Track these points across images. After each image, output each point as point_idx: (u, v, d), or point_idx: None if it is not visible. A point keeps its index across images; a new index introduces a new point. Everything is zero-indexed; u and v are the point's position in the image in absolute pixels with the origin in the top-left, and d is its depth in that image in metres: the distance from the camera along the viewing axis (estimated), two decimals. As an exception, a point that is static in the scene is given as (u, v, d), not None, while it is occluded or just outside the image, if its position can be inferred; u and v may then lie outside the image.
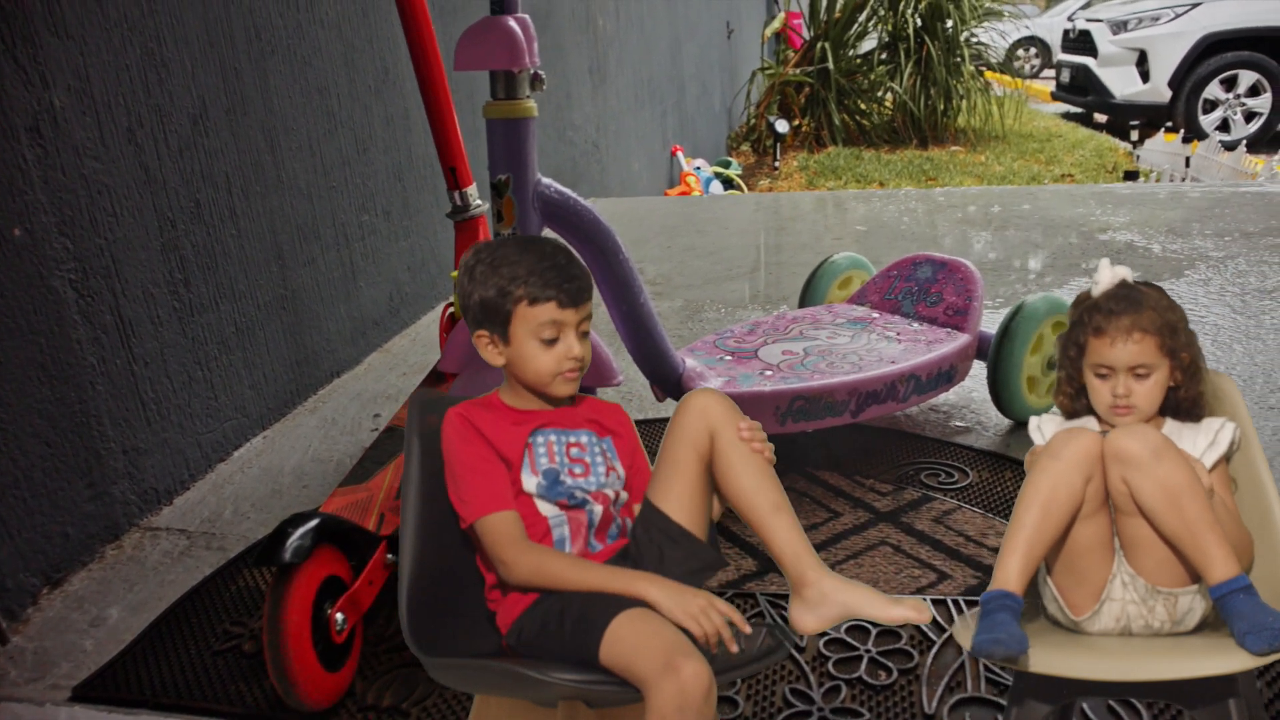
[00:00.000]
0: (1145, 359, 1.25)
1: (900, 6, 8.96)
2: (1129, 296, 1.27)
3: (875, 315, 2.70)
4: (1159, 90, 8.71)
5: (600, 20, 5.93)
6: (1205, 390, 1.30)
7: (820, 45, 9.12)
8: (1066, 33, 10.32)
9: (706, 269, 4.28)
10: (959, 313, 2.58)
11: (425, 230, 3.75)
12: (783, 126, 8.70)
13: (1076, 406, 1.34)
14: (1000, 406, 2.55)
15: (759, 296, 3.88)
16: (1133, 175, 7.32)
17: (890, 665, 1.72)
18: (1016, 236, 4.60)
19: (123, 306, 2.29)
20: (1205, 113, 8.64)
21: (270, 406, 2.85)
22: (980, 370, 2.60)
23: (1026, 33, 12.36)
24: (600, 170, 6.01)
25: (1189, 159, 7.06)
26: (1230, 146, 7.27)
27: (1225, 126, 8.58)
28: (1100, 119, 10.45)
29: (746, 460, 1.27)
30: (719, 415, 1.28)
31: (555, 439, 1.32)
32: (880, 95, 9.36)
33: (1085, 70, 9.43)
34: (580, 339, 1.30)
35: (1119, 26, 9.08)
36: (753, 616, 1.86)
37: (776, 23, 11.63)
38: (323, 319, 3.12)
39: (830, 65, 8.94)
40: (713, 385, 2.23)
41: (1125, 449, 1.18)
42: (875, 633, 1.79)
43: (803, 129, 9.19)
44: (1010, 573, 1.20)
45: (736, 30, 10.56)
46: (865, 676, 1.69)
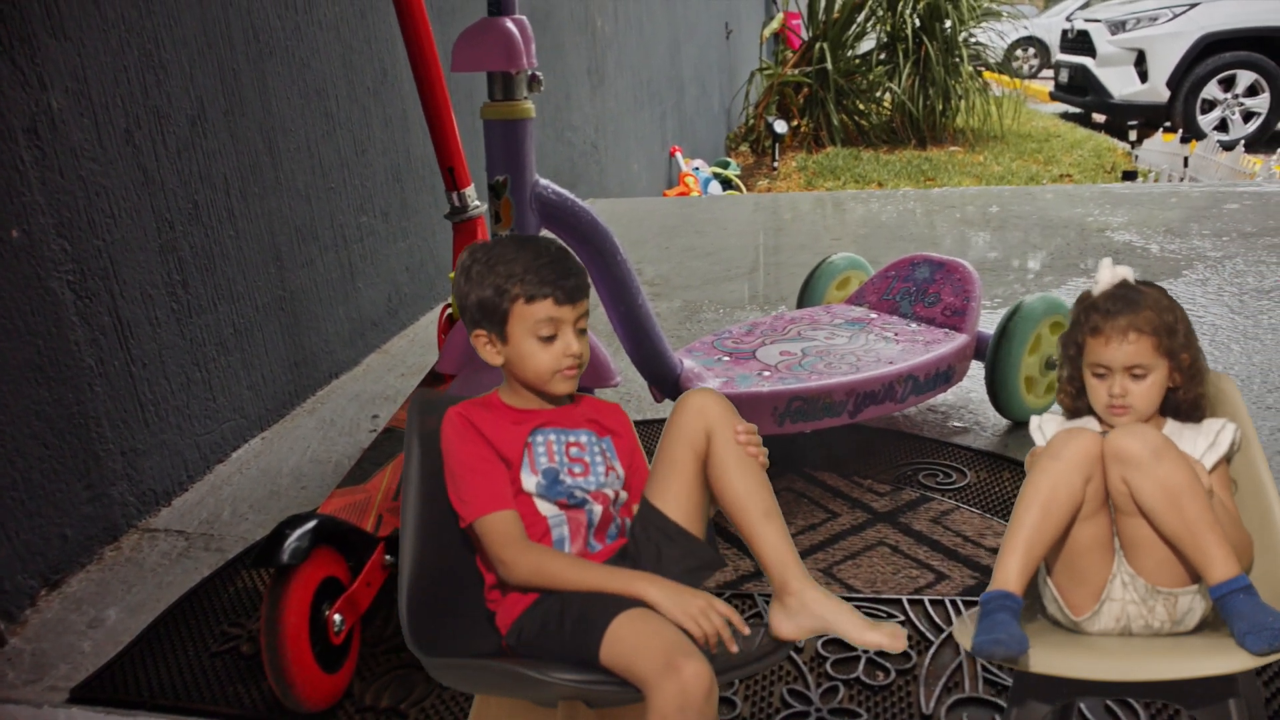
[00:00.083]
0: (1141, 359, 1.25)
1: (899, 7, 8.96)
2: (1127, 297, 1.27)
3: (873, 316, 2.70)
4: (1157, 90, 8.72)
5: (599, 21, 5.93)
6: (1206, 391, 1.30)
7: (819, 46, 9.13)
8: (1065, 33, 10.34)
9: (705, 270, 4.28)
10: (957, 313, 2.58)
11: (423, 231, 3.75)
12: (781, 127, 8.70)
13: (1078, 405, 1.34)
14: (998, 407, 2.55)
15: (757, 297, 3.88)
16: (1131, 175, 7.33)
17: (888, 666, 1.72)
18: (1015, 237, 4.61)
19: (121, 308, 2.29)
20: (1203, 113, 8.65)
21: (268, 408, 2.85)
22: (978, 370, 2.60)
23: (1025, 33, 12.37)
24: (599, 171, 6.01)
25: (1187, 159, 7.06)
26: (1228, 146, 7.28)
27: (1223, 126, 8.59)
28: (1098, 119, 10.46)
29: (741, 463, 1.27)
30: (716, 415, 1.28)
31: (555, 438, 1.32)
32: (879, 95, 9.37)
33: (1084, 70, 9.44)
34: (578, 336, 1.30)
35: (1117, 27, 9.09)
36: (751, 617, 1.86)
37: (775, 23, 11.63)
38: (321, 320, 3.11)
39: (829, 66, 8.94)
40: (711, 386, 2.22)
41: (1125, 449, 1.18)
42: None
43: (801, 129, 9.19)
44: (1010, 573, 1.20)
45: (735, 31, 10.56)
46: (863, 677, 1.69)
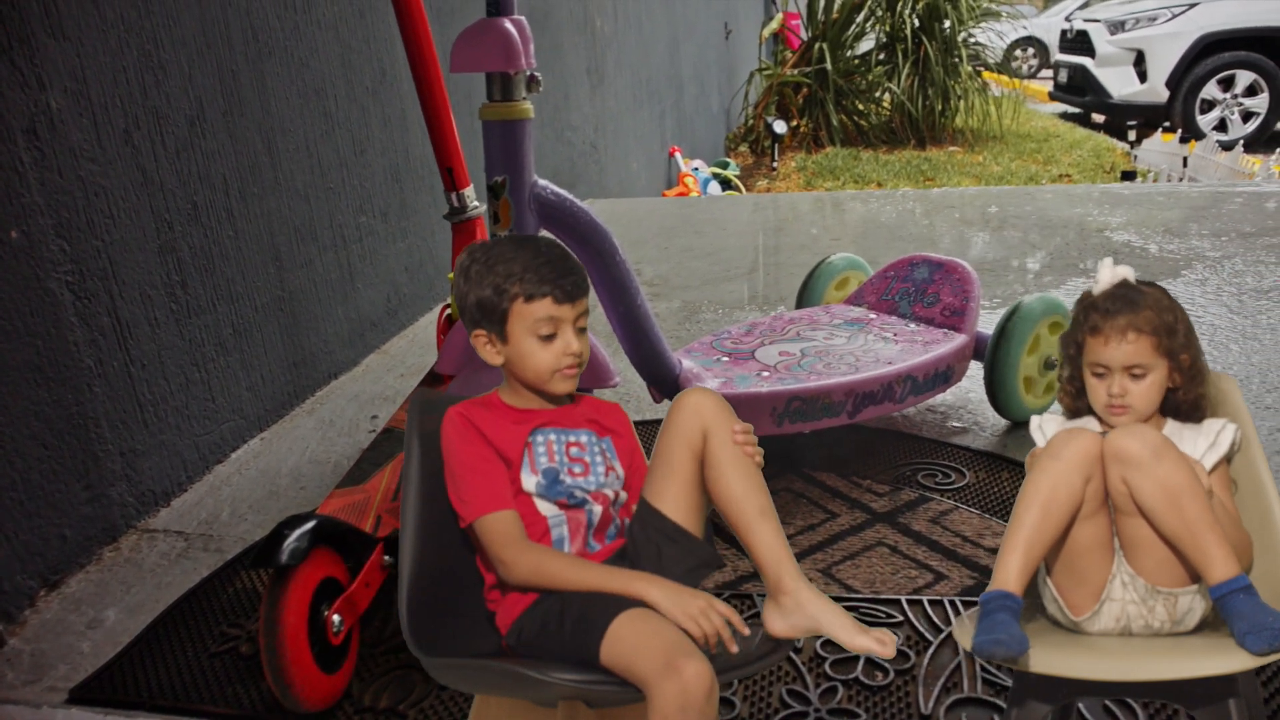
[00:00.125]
0: (1140, 359, 1.25)
1: (898, 7, 8.96)
2: (1127, 296, 1.27)
3: (872, 316, 2.70)
4: (1156, 90, 8.72)
5: (598, 21, 5.93)
6: (1207, 392, 1.30)
7: (818, 46, 9.13)
8: (1064, 33, 10.35)
9: (704, 270, 4.27)
10: (956, 313, 2.58)
11: (423, 232, 3.75)
12: (780, 127, 8.70)
13: (1079, 405, 1.34)
14: (997, 407, 2.55)
15: (756, 297, 3.88)
16: (1130, 175, 7.33)
17: (887, 666, 1.71)
18: (1014, 237, 4.61)
19: (120, 308, 2.29)
20: (1202, 113, 8.65)
21: (268, 408, 2.85)
22: (977, 371, 2.60)
23: (1024, 33, 12.38)
24: (598, 171, 6.01)
25: (1186, 159, 7.07)
26: (1227, 146, 7.29)
27: (1222, 126, 8.59)
28: (1098, 119, 10.46)
29: (738, 462, 1.27)
30: (712, 414, 1.28)
31: (555, 438, 1.32)
32: (878, 96, 9.37)
33: (1083, 70, 9.44)
34: (578, 335, 1.30)
35: (1116, 27, 9.10)
36: (750, 617, 1.85)
37: (774, 23, 11.63)
38: (320, 320, 3.11)
39: (828, 66, 8.94)
40: (710, 386, 2.22)
41: (1125, 449, 1.18)
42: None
43: (801, 130, 9.19)
44: (1010, 573, 1.20)
45: (734, 31, 10.56)
46: (862, 677, 1.69)
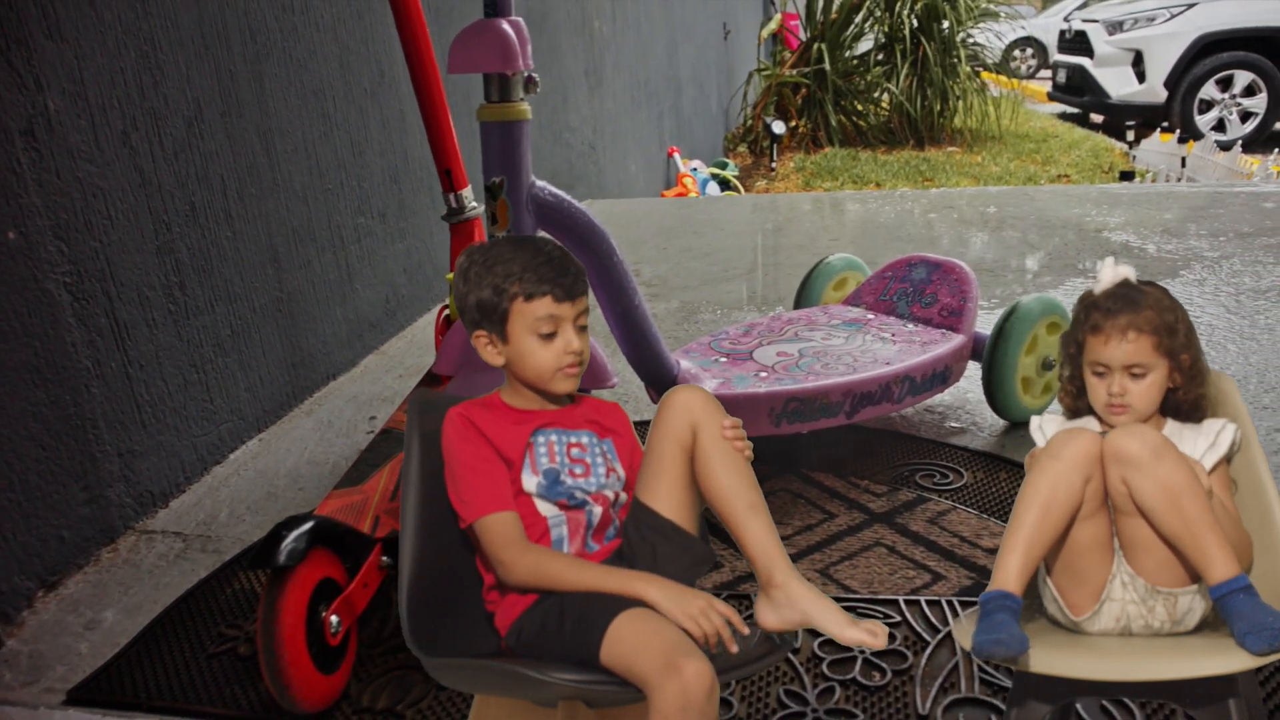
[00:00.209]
0: (1140, 358, 1.25)
1: (896, 7, 8.97)
2: (1128, 296, 1.27)
3: (870, 316, 2.69)
4: (1155, 90, 8.73)
5: (597, 22, 5.93)
6: (1207, 392, 1.30)
7: (817, 46, 9.13)
8: (1062, 33, 10.36)
9: (702, 270, 4.27)
10: (954, 314, 2.58)
11: (421, 233, 3.75)
12: (779, 127, 8.70)
13: (1079, 405, 1.34)
14: (995, 407, 2.55)
15: (755, 298, 3.88)
16: (1129, 175, 7.33)
17: (884, 666, 1.71)
18: (1012, 237, 4.61)
19: (118, 309, 2.29)
20: (1201, 113, 8.66)
21: (266, 409, 2.85)
22: (975, 371, 2.60)
23: (1023, 33, 12.41)
24: (597, 172, 6.01)
25: (1185, 159, 7.07)
26: (1226, 146, 7.29)
27: (1221, 126, 8.60)
28: (1096, 119, 10.47)
29: (727, 458, 1.27)
30: (701, 411, 1.28)
31: (556, 439, 1.32)
32: (877, 96, 9.37)
33: (1081, 70, 9.45)
34: (578, 333, 1.30)
35: (1115, 27, 9.10)
36: (749, 618, 1.85)
37: (773, 24, 11.63)
38: (319, 321, 3.11)
39: (827, 66, 8.95)
40: (708, 387, 2.22)
41: (1125, 449, 1.17)
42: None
43: (799, 130, 9.19)
44: (1009, 573, 1.20)
45: (733, 31, 10.56)
46: (859, 677, 1.69)
